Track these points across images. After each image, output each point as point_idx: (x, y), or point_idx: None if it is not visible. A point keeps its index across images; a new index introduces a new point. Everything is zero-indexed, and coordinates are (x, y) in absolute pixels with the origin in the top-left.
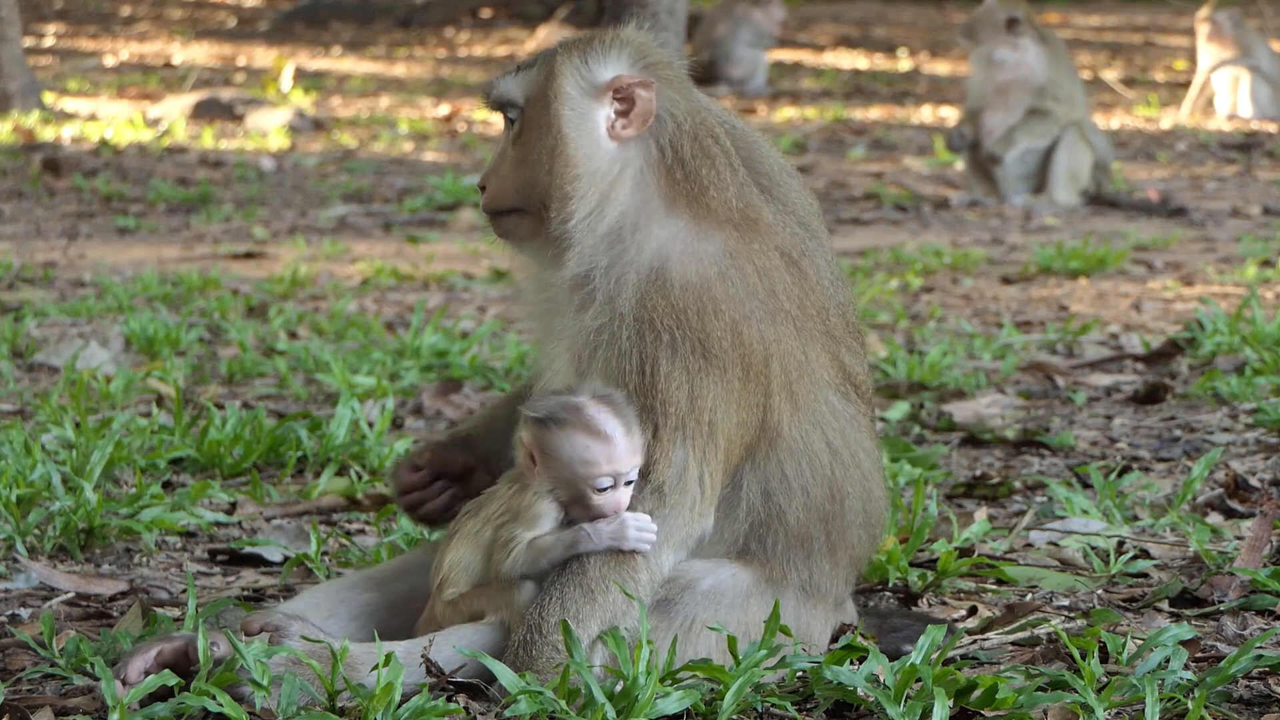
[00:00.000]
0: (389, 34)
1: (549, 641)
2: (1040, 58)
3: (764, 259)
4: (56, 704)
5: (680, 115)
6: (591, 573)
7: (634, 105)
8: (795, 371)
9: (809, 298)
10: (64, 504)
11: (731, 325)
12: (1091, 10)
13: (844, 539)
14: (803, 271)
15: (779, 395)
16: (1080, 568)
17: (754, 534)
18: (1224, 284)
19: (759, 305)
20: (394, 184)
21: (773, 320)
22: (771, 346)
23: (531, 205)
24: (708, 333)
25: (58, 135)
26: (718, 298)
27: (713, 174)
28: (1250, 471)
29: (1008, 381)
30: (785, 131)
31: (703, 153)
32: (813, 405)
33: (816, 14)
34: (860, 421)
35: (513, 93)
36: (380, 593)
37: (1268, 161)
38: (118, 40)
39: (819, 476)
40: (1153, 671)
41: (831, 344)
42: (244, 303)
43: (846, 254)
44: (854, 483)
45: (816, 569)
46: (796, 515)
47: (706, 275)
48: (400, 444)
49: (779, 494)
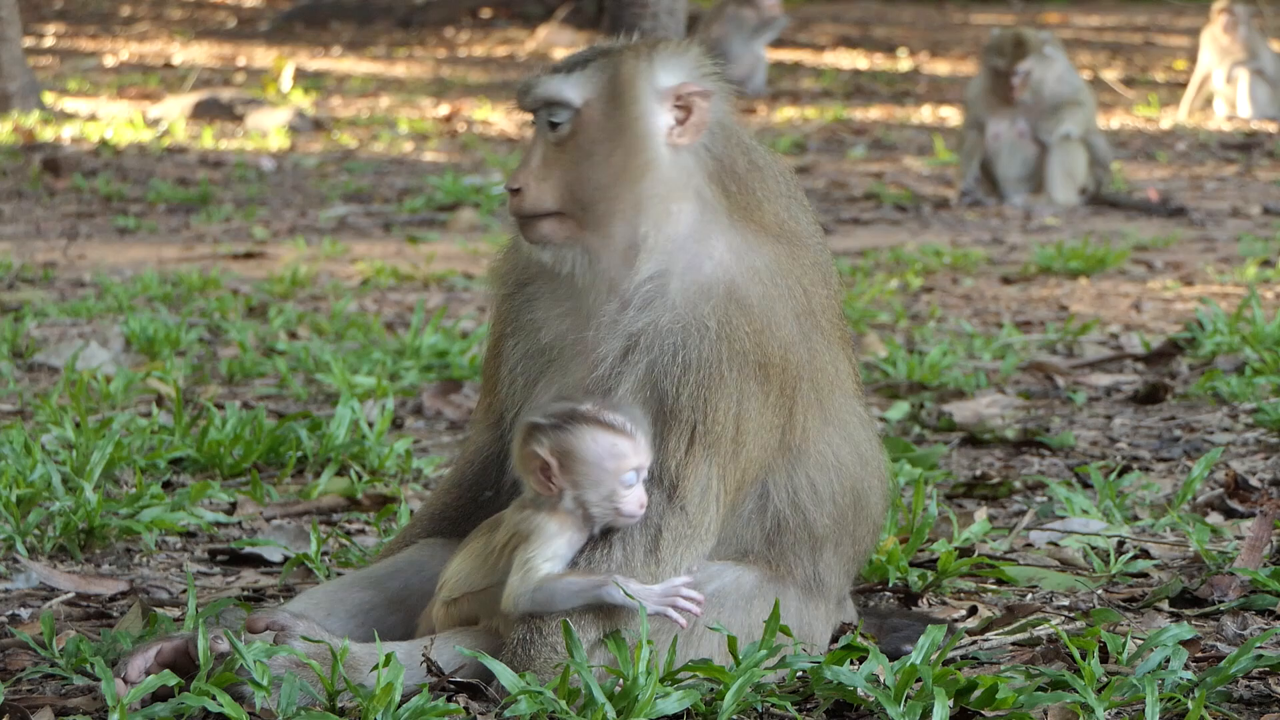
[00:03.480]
0: (389, 34)
1: (548, 642)
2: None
3: (805, 275)
4: (56, 704)
5: (730, 127)
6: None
7: (691, 114)
8: (826, 387)
9: (834, 307)
10: (64, 504)
11: (783, 348)
12: (1091, 10)
13: (853, 537)
14: (829, 282)
15: (802, 414)
16: (1080, 568)
17: (773, 538)
18: (1224, 284)
19: (800, 324)
20: (394, 184)
21: (808, 339)
22: (804, 369)
23: (576, 209)
24: (768, 356)
25: (58, 135)
26: (778, 320)
27: (764, 187)
28: (1250, 471)
29: (1008, 381)
30: (785, 131)
31: (753, 165)
32: (842, 417)
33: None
34: (870, 420)
35: (565, 93)
36: (376, 591)
37: (1268, 161)
38: (118, 40)
39: (845, 485)
40: (1153, 671)
41: (845, 349)
42: (244, 303)
43: (846, 254)
44: (874, 488)
45: (824, 566)
46: (824, 524)
47: (770, 296)
48: (400, 444)
49: (809, 505)
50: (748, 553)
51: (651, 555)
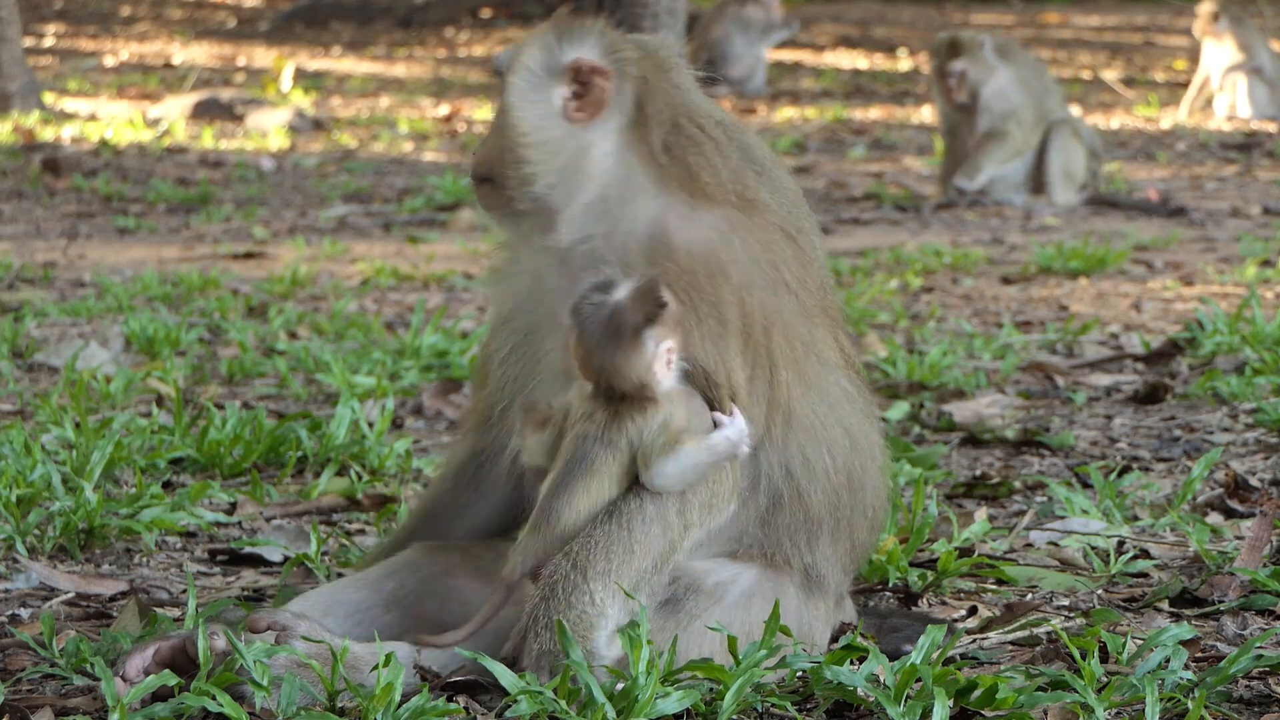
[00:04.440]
0: (389, 34)
1: (588, 589)
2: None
3: (764, 233)
4: (56, 704)
5: (658, 106)
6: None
7: (590, 91)
8: (801, 347)
9: (809, 274)
10: (64, 504)
11: (739, 293)
12: (1091, 10)
13: (850, 527)
14: (801, 248)
15: (786, 369)
16: (1080, 568)
17: (769, 516)
18: (1224, 284)
19: (761, 274)
20: (394, 184)
21: (774, 291)
22: (773, 316)
23: (496, 175)
24: (720, 298)
25: (58, 135)
26: (724, 262)
27: (701, 159)
28: (1250, 471)
29: (1008, 381)
30: (785, 131)
31: (688, 140)
32: (824, 385)
33: (816, 14)
34: (871, 411)
35: (502, 62)
36: (372, 591)
37: (1268, 161)
38: (118, 40)
39: (839, 461)
40: (1153, 671)
41: (833, 325)
42: (244, 303)
43: (846, 254)
44: (871, 473)
45: (820, 556)
46: (817, 499)
47: (710, 240)
48: (400, 444)
49: (801, 476)
50: (743, 537)
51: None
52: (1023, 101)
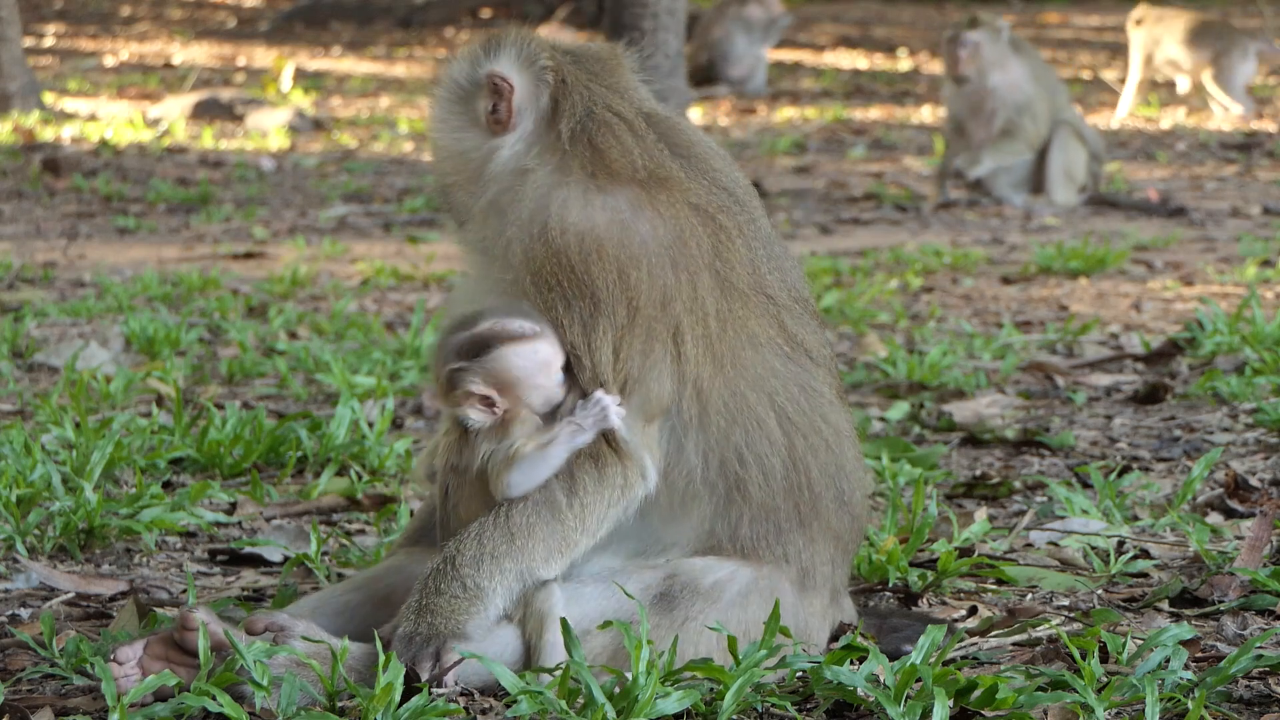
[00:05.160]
0: (389, 34)
1: (458, 576)
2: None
3: (671, 209)
4: (56, 704)
5: (573, 101)
6: (516, 519)
7: (502, 99)
8: (715, 323)
9: (731, 251)
10: (64, 504)
11: (618, 267)
12: (1091, 10)
13: (816, 513)
14: (721, 226)
15: (692, 345)
16: (1080, 568)
17: (721, 514)
18: (1224, 284)
19: (660, 251)
20: (394, 184)
21: (676, 267)
22: (671, 291)
23: (443, 179)
24: (592, 276)
25: (58, 135)
26: (601, 240)
27: (609, 138)
28: (1250, 471)
29: (1008, 381)
30: (785, 131)
31: (599, 124)
32: (746, 364)
33: (816, 14)
34: (816, 388)
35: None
36: (361, 592)
37: (1268, 161)
38: (118, 40)
39: (774, 445)
40: (1153, 671)
41: (769, 305)
42: (244, 303)
43: (846, 254)
44: (817, 453)
45: (795, 547)
46: (758, 486)
47: (591, 220)
48: (400, 444)
49: (733, 463)
50: (714, 532)
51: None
52: (1036, 94)
